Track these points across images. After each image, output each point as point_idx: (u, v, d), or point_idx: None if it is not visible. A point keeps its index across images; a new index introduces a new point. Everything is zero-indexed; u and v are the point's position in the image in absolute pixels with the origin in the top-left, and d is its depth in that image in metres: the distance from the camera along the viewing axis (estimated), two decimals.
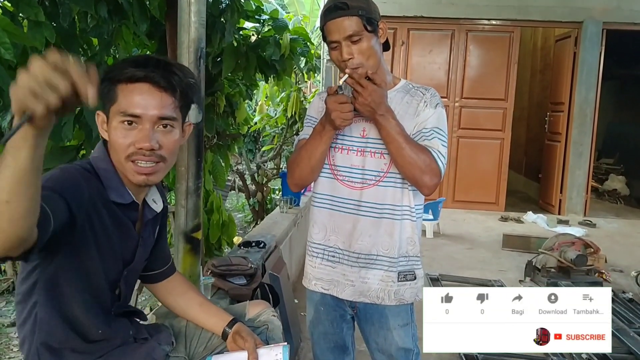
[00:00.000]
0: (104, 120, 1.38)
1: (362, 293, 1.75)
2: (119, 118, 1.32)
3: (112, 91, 1.33)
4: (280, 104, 6.82)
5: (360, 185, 1.72)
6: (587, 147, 7.32)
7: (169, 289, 1.69)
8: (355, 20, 1.62)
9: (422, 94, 1.76)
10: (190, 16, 1.86)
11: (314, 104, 1.90)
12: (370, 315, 1.78)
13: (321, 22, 1.70)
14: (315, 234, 1.83)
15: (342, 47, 1.64)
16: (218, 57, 3.37)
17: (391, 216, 1.72)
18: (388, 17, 7.07)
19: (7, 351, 3.59)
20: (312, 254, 1.85)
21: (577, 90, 7.21)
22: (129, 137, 1.32)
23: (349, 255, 1.75)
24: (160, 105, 1.33)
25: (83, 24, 2.45)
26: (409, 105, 1.73)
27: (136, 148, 1.32)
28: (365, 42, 1.65)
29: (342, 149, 1.75)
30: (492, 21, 7.33)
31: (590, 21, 7.08)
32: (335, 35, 1.64)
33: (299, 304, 3.60)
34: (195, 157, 1.94)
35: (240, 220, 7.93)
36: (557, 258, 4.43)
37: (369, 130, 1.72)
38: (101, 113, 1.38)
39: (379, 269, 1.73)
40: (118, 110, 1.32)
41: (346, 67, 1.65)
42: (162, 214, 1.60)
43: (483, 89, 7.37)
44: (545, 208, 7.74)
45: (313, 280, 1.84)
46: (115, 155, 1.36)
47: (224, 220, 4.03)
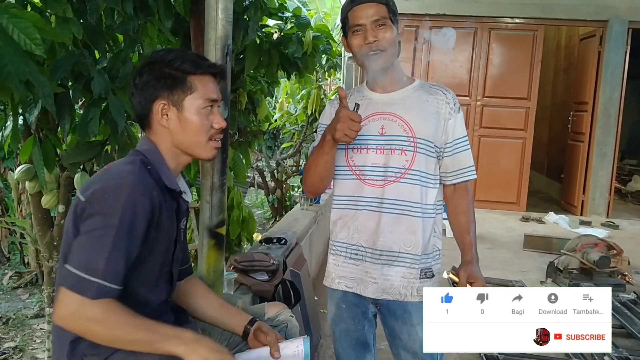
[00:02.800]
0: (165, 109, 1.48)
1: (385, 290, 1.76)
2: (202, 104, 1.49)
3: (185, 83, 1.48)
4: (301, 101, 6.83)
5: (383, 183, 1.73)
6: (610, 148, 7.21)
7: (190, 291, 1.72)
8: (382, 8, 1.69)
9: (443, 94, 1.77)
10: (217, 13, 1.87)
11: (326, 111, 1.91)
12: (394, 311, 1.78)
13: (346, 8, 1.72)
14: (338, 233, 1.83)
15: (367, 31, 1.68)
16: (241, 54, 3.38)
17: (412, 213, 1.72)
18: (410, 14, 7.04)
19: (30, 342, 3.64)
20: (335, 252, 1.85)
21: (602, 90, 7.10)
22: (209, 119, 1.51)
23: (372, 252, 1.75)
24: (218, 90, 1.57)
25: (109, 20, 2.48)
26: (429, 104, 1.75)
27: (215, 129, 1.52)
28: (389, 31, 1.69)
29: (361, 149, 1.76)
30: (516, 19, 7.25)
31: (616, 20, 6.97)
32: (362, 19, 1.68)
33: (319, 301, 3.61)
34: (221, 153, 1.95)
35: (260, 216, 7.95)
36: (580, 259, 4.38)
37: (387, 127, 1.73)
38: (164, 102, 1.48)
39: (401, 266, 1.74)
40: (201, 96, 1.49)
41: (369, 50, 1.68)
42: (187, 209, 1.64)
43: (505, 87, 7.30)
44: (567, 209, 7.65)
45: (336, 279, 1.84)
46: (194, 137, 1.50)
47: (244, 217, 4.04)
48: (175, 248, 1.53)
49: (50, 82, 1.89)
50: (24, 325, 3.82)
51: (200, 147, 1.52)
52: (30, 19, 1.60)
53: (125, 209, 1.28)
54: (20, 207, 4.83)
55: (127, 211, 1.29)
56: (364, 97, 1.81)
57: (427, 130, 1.72)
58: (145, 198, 1.33)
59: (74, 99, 2.29)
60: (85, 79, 2.19)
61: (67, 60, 2.09)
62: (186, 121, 1.48)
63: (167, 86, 1.46)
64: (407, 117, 1.72)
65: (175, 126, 1.48)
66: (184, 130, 1.49)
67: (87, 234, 1.28)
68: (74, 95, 2.27)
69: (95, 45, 2.32)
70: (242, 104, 3.95)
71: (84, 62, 2.13)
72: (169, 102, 1.47)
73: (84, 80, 2.20)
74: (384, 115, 1.75)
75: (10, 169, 4.86)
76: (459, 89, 7.31)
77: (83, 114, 2.22)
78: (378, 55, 1.69)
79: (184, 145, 1.51)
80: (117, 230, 1.27)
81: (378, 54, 1.69)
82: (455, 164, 1.79)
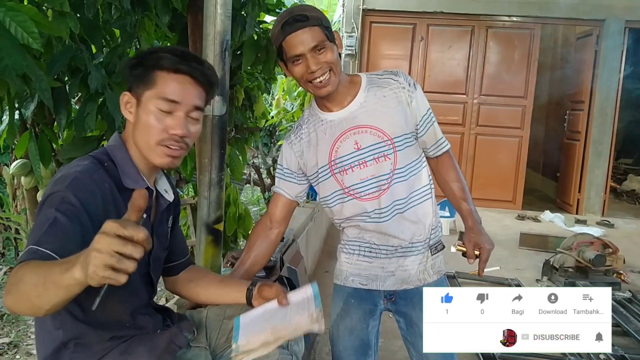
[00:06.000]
0: (129, 102, 1.40)
1: (404, 280, 1.78)
2: (157, 102, 1.36)
3: (149, 76, 1.37)
4: (297, 98, 6.83)
5: (378, 193, 1.72)
6: (606, 147, 7.23)
7: (189, 277, 1.71)
8: (317, 31, 1.59)
9: (395, 80, 1.73)
10: (216, 8, 1.86)
11: (283, 152, 1.85)
12: (411, 298, 1.79)
13: (278, 39, 1.61)
14: (349, 233, 1.83)
15: (307, 60, 1.59)
16: (238, 51, 3.37)
17: (411, 204, 1.74)
18: (408, 12, 7.04)
19: (25, 338, 3.63)
20: (347, 251, 1.85)
21: (598, 89, 7.12)
22: (163, 122, 1.37)
23: (386, 248, 1.77)
24: (197, 96, 1.42)
25: (107, 15, 2.47)
26: (387, 98, 1.71)
27: (169, 134, 1.37)
28: (330, 52, 1.61)
29: (346, 170, 1.73)
30: (513, 18, 7.25)
31: (612, 19, 6.98)
32: (299, 49, 1.58)
33: None
34: (219, 149, 1.95)
35: (255, 213, 7.94)
36: (576, 258, 4.38)
37: (361, 141, 1.70)
38: (128, 94, 1.41)
39: (416, 254, 1.77)
40: (157, 94, 1.36)
41: (312, 80, 1.61)
42: (175, 205, 1.61)
43: (502, 86, 7.31)
44: (563, 207, 7.67)
45: (350, 277, 1.84)
46: (144, 137, 1.38)
47: (240, 213, 4.04)
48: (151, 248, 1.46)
49: (47, 76, 1.88)
50: (19, 321, 3.80)
51: (149, 150, 1.38)
52: (27, 12, 1.59)
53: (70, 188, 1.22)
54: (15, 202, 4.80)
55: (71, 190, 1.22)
56: (322, 122, 1.75)
57: (399, 126, 1.70)
58: (92, 185, 1.27)
59: (70, 93, 2.28)
60: (82, 74, 2.18)
61: (64, 54, 2.08)
62: (140, 118, 1.38)
63: (134, 77, 1.39)
64: (375, 124, 1.69)
65: (135, 123, 1.40)
66: (136, 128, 1.40)
67: (36, 217, 1.23)
68: (71, 90, 2.26)
69: (92, 40, 2.31)
70: (239, 101, 3.94)
71: (81, 56, 2.12)
72: (132, 95, 1.39)
73: (81, 75, 2.19)
74: (352, 130, 1.71)
75: (6, 164, 4.83)
76: (456, 87, 7.32)
77: (79, 109, 2.21)
78: (324, 81, 1.62)
79: (138, 145, 1.40)
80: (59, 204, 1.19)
81: (324, 81, 1.62)
82: (430, 139, 1.79)
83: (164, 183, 1.55)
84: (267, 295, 1.58)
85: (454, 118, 7.30)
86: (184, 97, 1.38)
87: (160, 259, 1.57)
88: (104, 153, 1.41)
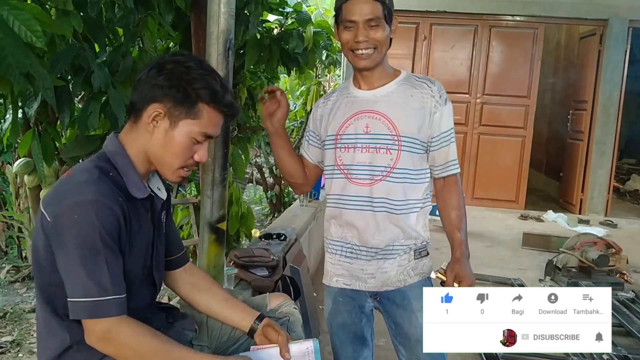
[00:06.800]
0: (159, 116, 1.40)
1: (384, 282, 1.77)
2: (196, 134, 1.42)
3: (193, 106, 1.40)
4: (300, 97, 6.82)
5: (369, 182, 1.72)
6: (609, 147, 7.21)
7: (193, 283, 1.69)
8: (377, 6, 1.63)
9: (428, 87, 1.74)
10: (220, 7, 1.85)
11: (312, 113, 1.92)
12: (393, 299, 1.79)
13: (340, 0, 1.67)
14: (333, 231, 1.84)
15: (358, 29, 1.64)
16: (241, 50, 3.37)
17: (400, 211, 1.73)
18: (411, 11, 7.02)
19: (27, 337, 3.63)
20: (331, 250, 1.86)
21: (601, 89, 7.09)
22: (193, 150, 1.44)
23: (366, 250, 1.76)
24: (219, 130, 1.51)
25: (110, 13, 2.47)
26: (413, 99, 1.72)
27: (194, 161, 1.46)
28: (381, 30, 1.66)
29: (348, 147, 1.75)
30: (516, 17, 7.23)
31: (616, 19, 6.96)
32: (355, 16, 1.64)
33: (318, 297, 3.60)
34: (222, 149, 1.95)
35: (258, 212, 7.94)
36: (579, 258, 4.37)
37: (372, 126, 1.72)
38: (162, 110, 1.39)
39: (395, 257, 1.75)
40: (200, 127, 1.41)
41: (355, 49, 1.66)
42: (166, 200, 1.61)
43: (505, 85, 7.29)
44: (566, 207, 7.65)
45: (334, 277, 1.85)
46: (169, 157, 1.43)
47: (242, 213, 4.04)
48: (153, 250, 1.49)
49: (50, 75, 1.88)
50: (22, 320, 3.80)
51: (168, 169, 1.45)
52: (31, 11, 1.59)
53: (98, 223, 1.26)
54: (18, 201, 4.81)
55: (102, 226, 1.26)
56: (348, 95, 1.80)
57: (411, 128, 1.70)
58: (113, 207, 1.30)
59: (73, 92, 2.28)
60: (85, 73, 2.18)
61: (67, 53, 2.08)
62: (172, 139, 1.41)
63: (175, 99, 1.39)
64: (390, 115, 1.71)
65: (158, 137, 1.41)
66: (163, 146, 1.42)
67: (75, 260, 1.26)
68: (74, 89, 2.27)
69: (96, 39, 2.31)
70: (241, 100, 3.94)
71: (84, 55, 2.13)
72: (166, 113, 1.39)
73: (84, 74, 2.19)
74: (368, 113, 1.73)
75: (9, 162, 4.84)
76: (459, 86, 7.30)
77: (83, 108, 2.21)
78: (366, 55, 1.67)
79: (155, 159, 1.44)
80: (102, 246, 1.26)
81: (365, 54, 1.67)
82: (441, 158, 1.77)
83: (157, 181, 1.56)
84: (271, 338, 1.57)
85: (457, 117, 7.22)
86: (217, 133, 1.49)
87: (162, 258, 1.58)
88: (106, 161, 1.40)
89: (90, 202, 1.27)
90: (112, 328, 1.27)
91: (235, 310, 1.65)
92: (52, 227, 1.28)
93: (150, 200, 1.48)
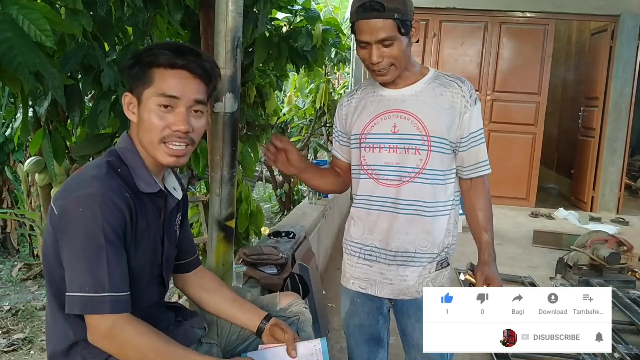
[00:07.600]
0: (131, 102, 1.41)
1: (402, 291, 1.74)
2: (157, 99, 1.36)
3: (147, 74, 1.37)
4: (309, 95, 6.81)
5: (397, 183, 1.69)
6: (621, 144, 7.15)
7: (202, 285, 1.69)
8: (389, 24, 1.55)
9: (459, 87, 1.70)
10: (228, 5, 1.85)
11: (336, 112, 1.89)
12: (407, 308, 1.77)
13: (352, 17, 1.62)
14: (353, 232, 1.81)
15: (372, 49, 1.59)
16: (250, 48, 3.37)
17: (428, 213, 1.69)
18: (420, 8, 6.98)
19: (39, 334, 3.66)
20: (349, 252, 1.84)
21: (613, 85, 7.03)
22: (165, 119, 1.37)
23: (385, 253, 1.73)
24: (197, 90, 1.40)
25: (119, 12, 2.48)
26: (442, 97, 1.68)
27: (172, 130, 1.37)
28: (397, 47, 1.59)
29: (373, 147, 1.72)
30: (527, 13, 7.19)
31: (628, 15, 6.90)
32: (366, 36, 1.58)
33: (327, 295, 3.61)
34: (231, 146, 1.94)
35: (267, 210, 7.95)
36: (590, 255, 4.34)
37: (400, 126, 1.68)
38: (129, 94, 1.41)
39: (417, 265, 1.72)
40: (156, 91, 1.36)
41: (372, 67, 1.63)
42: (183, 202, 1.61)
43: (516, 82, 7.25)
44: (577, 205, 7.60)
45: (351, 279, 1.83)
46: (147, 136, 1.38)
47: (252, 210, 4.04)
48: (162, 249, 1.49)
49: (60, 74, 1.89)
50: (33, 317, 3.83)
51: (154, 149, 1.39)
52: (40, 10, 1.59)
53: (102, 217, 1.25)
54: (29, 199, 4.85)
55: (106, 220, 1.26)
56: (374, 94, 1.76)
57: (441, 128, 1.66)
58: (118, 202, 1.29)
59: (83, 91, 2.29)
60: (95, 71, 2.18)
61: (77, 52, 2.09)
62: (141, 117, 1.38)
63: (132, 77, 1.39)
64: (420, 115, 1.66)
65: (138, 123, 1.40)
66: (139, 128, 1.40)
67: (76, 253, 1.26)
68: (84, 88, 2.27)
69: (105, 38, 2.32)
70: (250, 98, 3.95)
71: (94, 54, 2.13)
72: (134, 95, 1.39)
73: (94, 73, 2.19)
74: (396, 112, 1.69)
75: (20, 161, 4.87)
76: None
77: (93, 107, 2.22)
78: (384, 72, 1.63)
79: (144, 145, 1.41)
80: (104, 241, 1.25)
81: (383, 71, 1.63)
82: (470, 159, 1.73)
83: (172, 180, 1.55)
84: (278, 337, 1.57)
85: None
86: (184, 92, 1.37)
87: (171, 258, 1.58)
88: (116, 156, 1.41)
89: (95, 195, 1.27)
90: (116, 326, 1.26)
91: (243, 310, 1.65)
92: (58, 220, 1.29)
93: (164, 198, 1.47)
